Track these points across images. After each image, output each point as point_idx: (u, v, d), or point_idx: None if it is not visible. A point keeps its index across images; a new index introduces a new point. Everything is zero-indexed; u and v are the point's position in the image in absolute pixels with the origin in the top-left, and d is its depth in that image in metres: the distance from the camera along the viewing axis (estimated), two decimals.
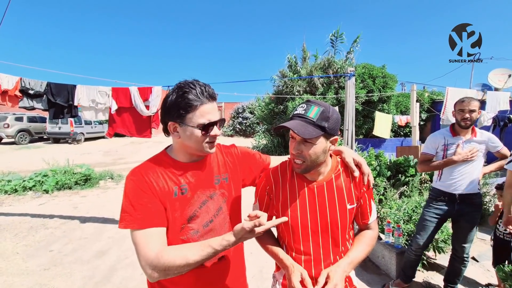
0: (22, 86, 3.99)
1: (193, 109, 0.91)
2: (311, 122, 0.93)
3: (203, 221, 1.00)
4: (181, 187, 0.97)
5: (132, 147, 14.79)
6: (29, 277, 2.82)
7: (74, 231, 4.01)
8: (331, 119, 0.94)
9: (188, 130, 0.93)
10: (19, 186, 5.97)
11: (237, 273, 1.13)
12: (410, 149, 5.69)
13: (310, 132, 0.92)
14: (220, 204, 1.06)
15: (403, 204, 3.44)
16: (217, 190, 1.06)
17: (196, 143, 0.95)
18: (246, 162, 1.20)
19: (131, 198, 0.89)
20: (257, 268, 2.98)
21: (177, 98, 0.91)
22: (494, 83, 9.04)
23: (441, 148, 2.30)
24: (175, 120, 0.93)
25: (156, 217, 0.90)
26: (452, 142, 2.25)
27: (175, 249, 0.87)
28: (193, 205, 0.99)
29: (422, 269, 2.89)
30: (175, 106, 0.91)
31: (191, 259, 0.84)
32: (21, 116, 15.18)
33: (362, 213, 1.12)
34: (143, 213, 0.88)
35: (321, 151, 0.97)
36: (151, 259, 0.83)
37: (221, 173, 1.09)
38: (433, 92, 13.48)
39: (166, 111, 0.95)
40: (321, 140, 0.96)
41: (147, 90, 4.31)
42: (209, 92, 0.94)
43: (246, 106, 23.60)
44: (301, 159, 0.98)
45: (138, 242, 0.86)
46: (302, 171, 1.01)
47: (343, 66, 11.52)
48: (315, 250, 1.04)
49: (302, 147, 0.96)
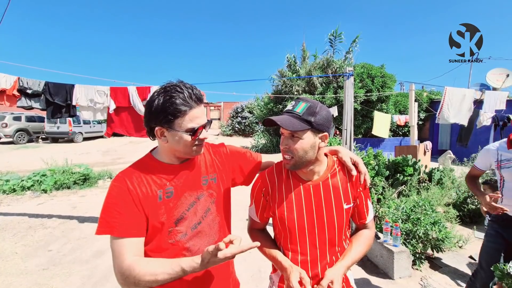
0: (20, 85, 3.97)
1: (182, 114, 0.89)
2: (297, 116, 0.96)
3: (191, 223, 0.99)
4: (166, 190, 0.95)
5: (130, 146, 14.77)
6: (27, 277, 2.82)
7: (73, 230, 4.01)
8: (318, 115, 0.96)
9: (177, 135, 0.91)
10: (17, 185, 5.95)
11: (226, 271, 1.11)
12: (409, 149, 5.72)
13: (294, 125, 0.94)
14: (208, 205, 1.04)
15: (401, 203, 3.45)
16: (205, 191, 1.04)
17: (185, 147, 0.94)
18: (235, 161, 1.19)
19: (111, 205, 0.88)
20: (255, 267, 2.98)
21: (164, 103, 0.88)
22: (492, 82, 9.08)
23: (494, 165, 1.93)
24: (162, 125, 0.91)
25: (133, 227, 0.88)
26: (507, 158, 1.85)
27: (146, 264, 0.85)
28: (180, 207, 0.97)
29: (420, 268, 2.91)
30: (163, 111, 0.88)
31: (159, 277, 0.83)
32: (19, 115, 15.12)
33: (359, 213, 1.13)
34: (120, 221, 0.86)
35: (308, 146, 0.97)
36: (123, 269, 0.83)
37: (209, 173, 1.07)
38: (432, 91, 13.51)
39: (152, 116, 0.91)
40: (308, 135, 0.97)
41: (146, 90, 4.30)
42: (197, 95, 0.92)
43: (245, 105, 23.59)
44: (289, 154, 0.99)
45: (113, 249, 0.86)
46: (291, 167, 1.01)
47: (342, 65, 11.54)
48: (311, 250, 1.04)
49: (290, 141, 0.98)
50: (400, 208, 3.33)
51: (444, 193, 4.36)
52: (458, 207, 4.21)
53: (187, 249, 0.98)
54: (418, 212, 3.15)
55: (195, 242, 0.99)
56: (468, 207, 4.15)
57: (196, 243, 0.99)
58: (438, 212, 3.35)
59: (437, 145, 12.60)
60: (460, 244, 3.39)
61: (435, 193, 4.21)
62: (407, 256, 2.79)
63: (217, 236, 1.06)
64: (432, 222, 2.98)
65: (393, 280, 2.73)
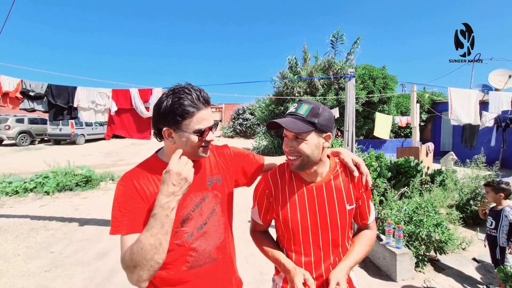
0: (23, 88, 4.00)
1: (190, 115, 0.91)
2: (301, 118, 0.96)
3: (197, 223, 1.00)
4: None
5: (132, 148, 14.81)
6: (30, 278, 2.82)
7: (75, 232, 4.02)
8: (321, 116, 0.97)
9: (185, 136, 0.93)
10: (20, 187, 5.98)
11: (230, 271, 1.12)
12: (411, 150, 5.69)
13: (299, 127, 0.95)
14: (213, 206, 1.05)
15: (403, 205, 3.44)
16: (210, 192, 1.05)
17: (192, 148, 0.95)
18: (239, 162, 1.20)
19: (119, 203, 0.88)
20: (257, 269, 2.97)
21: (173, 104, 0.90)
22: (494, 83, 9.04)
23: None
24: (170, 126, 0.92)
25: (143, 223, 0.87)
26: None
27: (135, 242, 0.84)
28: (186, 208, 0.98)
29: (423, 270, 2.89)
30: (171, 112, 0.90)
31: (142, 240, 0.80)
32: (22, 117, 15.20)
33: (361, 214, 1.13)
34: (130, 218, 0.86)
35: (313, 146, 0.98)
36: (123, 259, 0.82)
37: (214, 174, 1.08)
38: (434, 93, 13.46)
39: (160, 117, 0.93)
40: (312, 136, 0.97)
41: (148, 92, 4.32)
42: (204, 97, 0.94)
43: (247, 107, 23.62)
44: (295, 155, 0.99)
45: (122, 247, 0.85)
46: (297, 168, 1.01)
47: (343, 67, 11.54)
48: (315, 251, 1.04)
49: (294, 143, 0.98)
50: (403, 209, 3.31)
51: (446, 194, 4.33)
52: (461, 208, 4.18)
53: (194, 249, 0.98)
54: (421, 214, 3.13)
55: (201, 242, 1.00)
56: (471, 209, 4.12)
57: (202, 244, 1.00)
58: (441, 214, 3.34)
59: (439, 146, 12.55)
60: (463, 246, 3.37)
61: (437, 195, 4.19)
62: (410, 258, 2.78)
63: (223, 236, 1.06)
64: (435, 224, 2.96)
65: (396, 283, 2.71)
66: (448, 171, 5.02)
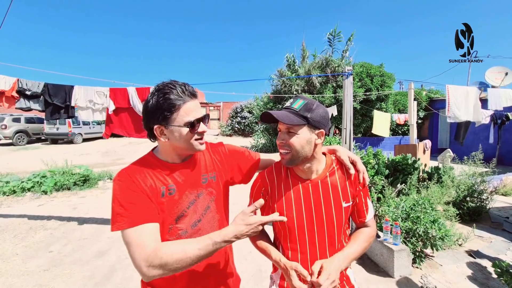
0: (19, 87, 3.97)
1: (177, 108, 0.91)
2: (295, 112, 0.99)
3: (191, 220, 1.00)
4: (168, 187, 0.96)
5: (130, 147, 14.77)
6: (29, 278, 2.82)
7: (73, 231, 4.01)
8: (315, 111, 0.98)
9: (176, 131, 0.93)
10: (17, 187, 5.95)
11: (226, 268, 1.13)
12: (408, 148, 5.72)
13: (291, 119, 0.97)
14: (208, 203, 1.05)
15: (401, 202, 3.46)
16: (204, 189, 1.05)
17: (186, 142, 0.96)
18: (234, 159, 1.20)
19: (120, 199, 0.87)
20: (256, 267, 2.99)
21: (159, 100, 0.90)
22: (491, 81, 9.08)
23: None
24: (160, 123, 0.92)
25: (148, 213, 0.88)
26: None
27: (173, 243, 0.85)
28: (181, 205, 0.98)
29: (420, 266, 2.92)
30: (158, 108, 0.90)
31: (189, 252, 0.81)
32: (18, 117, 15.11)
33: (358, 211, 1.13)
34: (134, 211, 0.86)
35: (305, 141, 0.99)
36: (148, 254, 0.80)
37: (209, 171, 1.09)
38: (431, 90, 13.52)
39: (149, 116, 0.93)
40: (304, 131, 0.99)
41: (145, 90, 4.30)
42: (190, 90, 0.95)
43: (245, 105, 23.59)
44: (286, 149, 1.01)
45: (131, 241, 0.83)
46: (288, 162, 1.03)
47: (340, 65, 11.55)
48: (311, 248, 1.05)
49: (286, 136, 1.00)
50: (400, 206, 3.33)
51: (443, 191, 4.36)
52: (458, 205, 4.21)
53: None
54: (418, 211, 3.15)
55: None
56: (468, 205, 4.16)
57: None
58: (438, 211, 3.36)
59: (437, 143, 12.62)
60: (460, 242, 3.40)
61: (434, 192, 4.22)
62: (407, 255, 2.80)
63: None
64: (432, 221, 2.99)
65: (393, 279, 2.74)
66: (445, 168, 5.05)
